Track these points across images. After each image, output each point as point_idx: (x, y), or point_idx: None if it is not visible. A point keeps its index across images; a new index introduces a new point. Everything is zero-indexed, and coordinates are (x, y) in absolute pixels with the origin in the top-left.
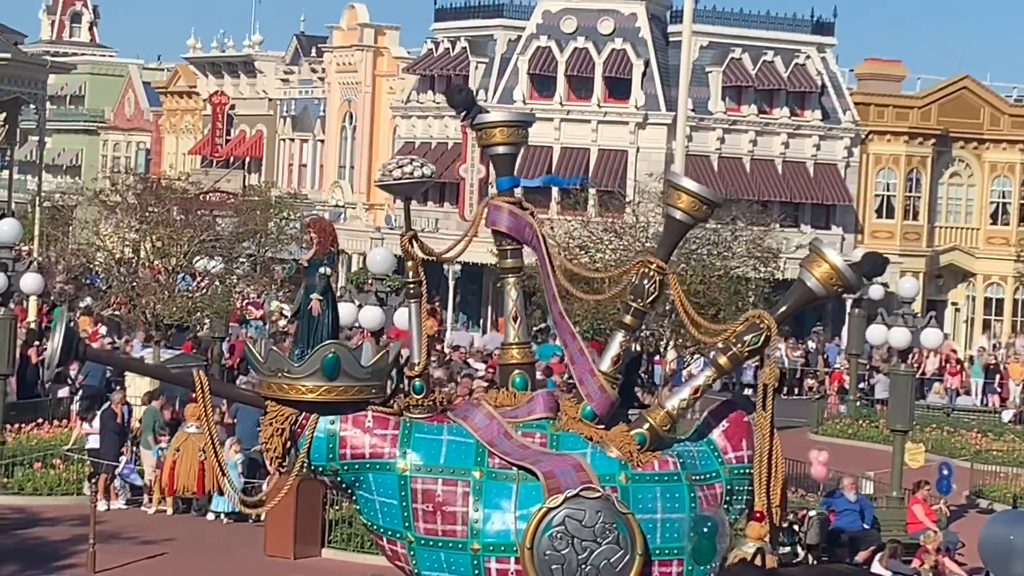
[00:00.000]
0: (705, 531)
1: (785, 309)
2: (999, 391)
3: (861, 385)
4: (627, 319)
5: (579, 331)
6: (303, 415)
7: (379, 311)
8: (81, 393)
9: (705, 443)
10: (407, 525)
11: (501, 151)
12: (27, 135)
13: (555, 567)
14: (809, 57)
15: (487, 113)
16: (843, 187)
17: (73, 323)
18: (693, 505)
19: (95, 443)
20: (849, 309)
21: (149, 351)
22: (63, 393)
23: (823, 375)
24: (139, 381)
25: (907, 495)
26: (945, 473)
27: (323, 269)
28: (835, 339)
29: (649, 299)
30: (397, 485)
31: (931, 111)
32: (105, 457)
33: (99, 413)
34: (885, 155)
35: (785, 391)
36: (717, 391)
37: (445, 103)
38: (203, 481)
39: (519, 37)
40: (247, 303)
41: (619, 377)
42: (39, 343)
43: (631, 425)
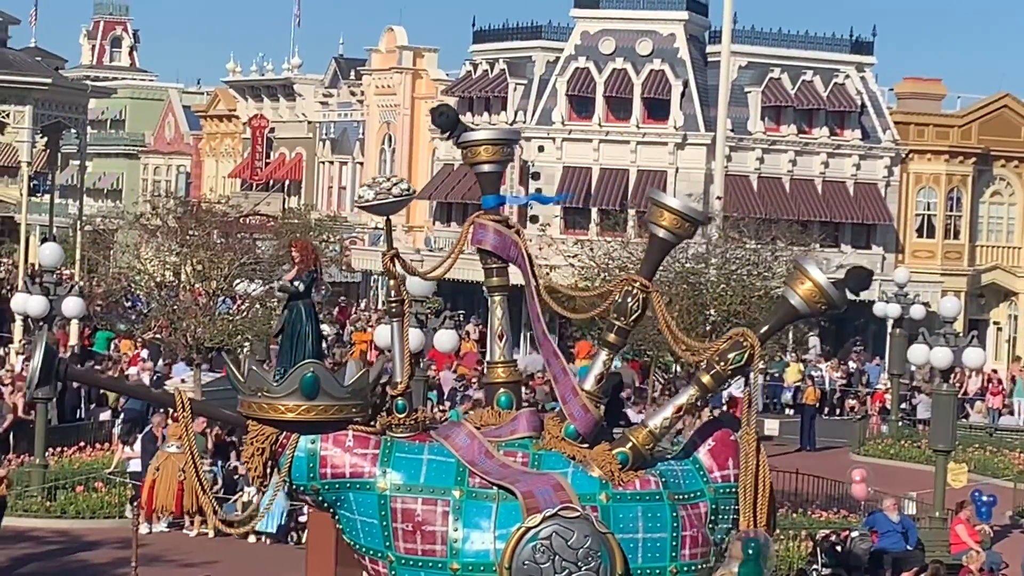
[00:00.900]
0: (750, 552)
1: (769, 327)
2: None
3: (903, 405)
4: (611, 337)
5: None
6: (284, 434)
7: (419, 333)
8: (122, 416)
9: (690, 462)
10: (387, 544)
11: (486, 169)
12: (68, 159)
13: None
14: (848, 76)
15: (472, 131)
16: (883, 207)
17: (55, 343)
18: (675, 525)
19: (136, 466)
20: (891, 329)
21: (190, 373)
22: (104, 417)
23: (865, 395)
24: None
25: (950, 515)
26: (984, 499)
27: (296, 283)
28: (876, 359)
29: (632, 317)
30: (377, 504)
31: (971, 130)
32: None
33: (140, 436)
34: (926, 174)
35: (827, 411)
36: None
37: (484, 124)
38: (181, 501)
39: (557, 58)
40: None
41: (603, 396)
42: (81, 367)
43: (613, 444)
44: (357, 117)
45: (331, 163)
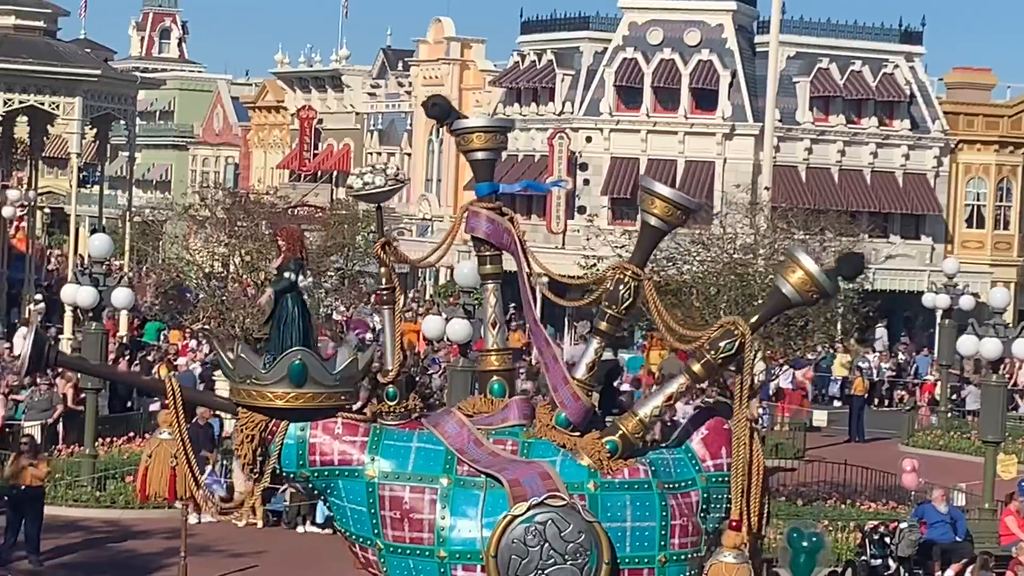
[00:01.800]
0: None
1: (760, 316)
2: None
3: (952, 396)
4: (603, 326)
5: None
6: (273, 422)
7: (467, 324)
8: None
9: (683, 450)
10: (376, 532)
11: (480, 156)
12: (117, 151)
13: (519, 575)
14: (897, 66)
15: (465, 119)
16: (933, 197)
17: (44, 328)
18: (664, 513)
19: None
20: (940, 320)
21: None
22: (154, 407)
23: (914, 386)
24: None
25: (999, 507)
26: None
27: (287, 273)
28: (925, 350)
29: (624, 305)
30: (366, 492)
31: (1021, 119)
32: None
33: (188, 426)
34: (975, 164)
35: (876, 403)
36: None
37: (532, 115)
38: (174, 487)
39: (605, 49)
40: (351, 320)
41: (594, 384)
42: (130, 357)
43: (603, 433)
44: (405, 108)
45: (379, 154)
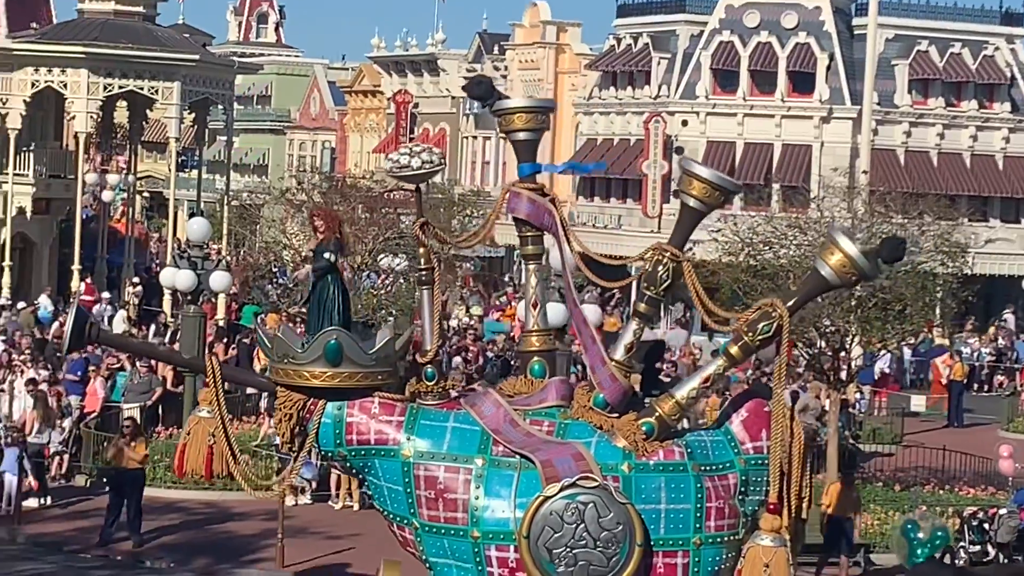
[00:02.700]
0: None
1: (798, 299)
2: None
3: None
4: (641, 307)
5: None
6: (311, 400)
7: (561, 307)
8: None
9: (722, 432)
10: (412, 511)
11: (522, 137)
12: (215, 135)
13: (552, 556)
14: (998, 48)
15: (507, 100)
16: None
17: (84, 308)
18: (699, 496)
19: None
20: None
21: None
22: (252, 389)
23: (1014, 372)
24: None
25: None
26: None
27: (327, 255)
28: None
29: (662, 287)
30: (401, 471)
31: None
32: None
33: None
34: None
35: (975, 388)
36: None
37: (628, 99)
38: (211, 465)
39: (702, 32)
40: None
41: (632, 366)
42: (228, 341)
43: (640, 414)
44: (501, 92)
45: (474, 138)
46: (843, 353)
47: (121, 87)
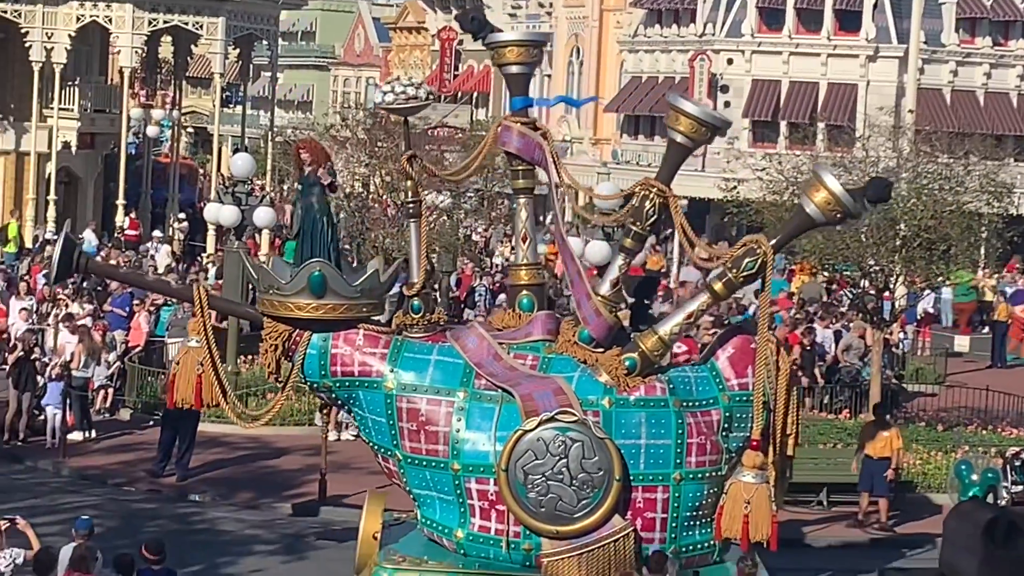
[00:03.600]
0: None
1: (783, 236)
2: None
3: None
4: (627, 242)
5: (809, 265)
6: (297, 332)
7: (605, 246)
8: None
9: (707, 368)
10: (395, 443)
11: (514, 70)
12: (259, 71)
13: (527, 480)
14: None
15: (499, 33)
16: None
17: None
18: (680, 431)
19: None
20: None
21: None
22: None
23: None
24: None
25: None
26: None
27: (313, 187)
28: None
29: (648, 222)
30: (384, 403)
31: None
32: None
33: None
34: None
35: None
36: None
37: (673, 37)
38: (200, 394)
39: None
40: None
41: (618, 301)
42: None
43: (623, 349)
44: (545, 29)
45: None
46: (887, 293)
47: (166, 22)
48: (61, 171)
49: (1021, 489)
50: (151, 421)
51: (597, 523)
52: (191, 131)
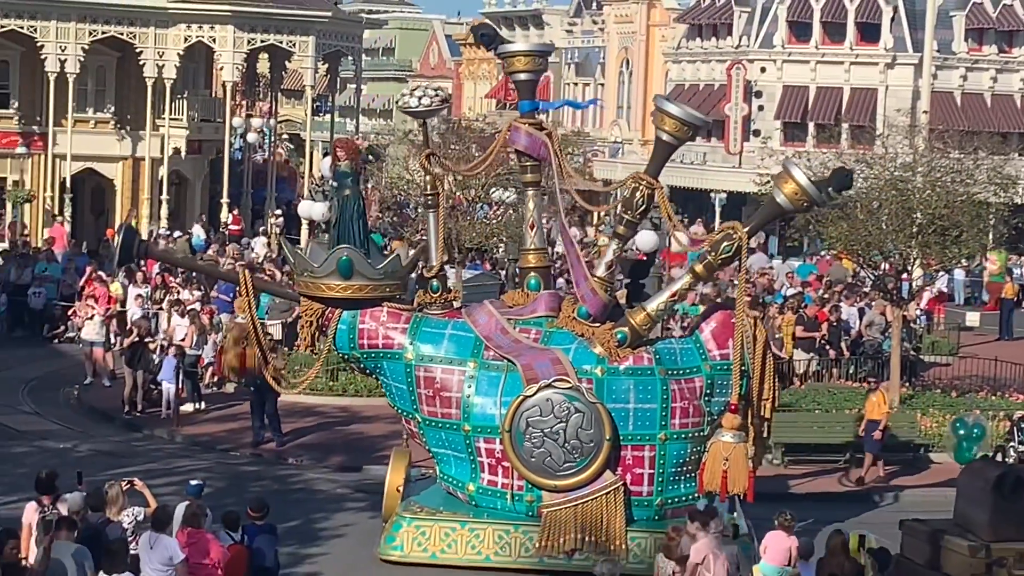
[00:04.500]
0: (975, 434)
1: (756, 223)
2: None
3: None
4: (620, 229)
5: (834, 251)
6: (328, 309)
7: (653, 235)
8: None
9: (692, 340)
10: (415, 407)
11: (523, 77)
12: (346, 83)
13: (527, 430)
14: None
15: (509, 44)
16: None
17: (136, 226)
18: (665, 397)
19: None
20: None
21: (452, 271)
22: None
23: None
24: None
25: None
26: None
27: (347, 180)
28: None
29: (638, 211)
30: (404, 372)
31: None
32: None
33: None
34: None
35: None
36: None
37: (712, 48)
38: (244, 364)
39: None
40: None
41: (613, 282)
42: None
43: (615, 324)
44: (598, 43)
45: (575, 84)
46: (905, 274)
47: (263, 41)
48: (172, 174)
49: None
50: (251, 391)
51: (590, 478)
52: (286, 137)
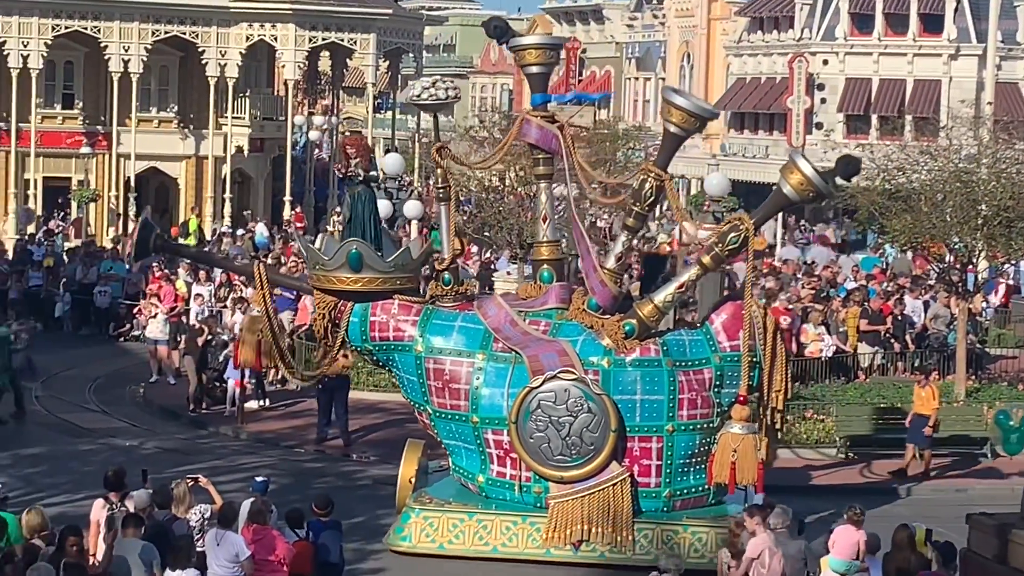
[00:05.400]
0: (1013, 425)
1: (763, 214)
2: None
3: None
4: (629, 221)
5: (897, 245)
6: (341, 302)
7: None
8: None
9: (702, 332)
10: (425, 399)
11: (534, 70)
12: (407, 80)
13: (535, 412)
14: None
15: (521, 37)
16: None
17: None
18: (672, 388)
19: None
20: None
21: (515, 266)
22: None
23: None
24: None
25: None
26: None
27: (371, 172)
28: None
29: (647, 202)
30: (415, 364)
31: None
32: None
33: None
34: None
35: None
36: None
37: (774, 41)
38: (260, 357)
39: None
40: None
41: (622, 273)
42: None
43: (623, 316)
44: (659, 37)
45: (636, 79)
46: (970, 267)
47: (324, 39)
48: (235, 172)
49: None
50: (318, 389)
51: (595, 470)
52: (347, 135)
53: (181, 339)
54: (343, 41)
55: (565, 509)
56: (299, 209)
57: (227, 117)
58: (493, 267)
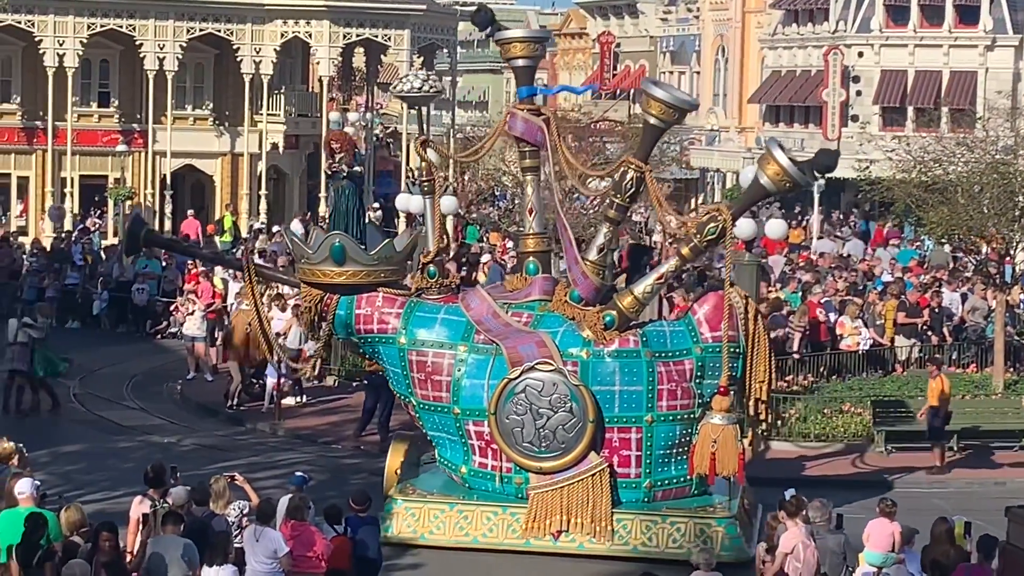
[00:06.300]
0: None
1: (741, 205)
2: None
3: None
4: (610, 213)
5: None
6: (327, 295)
7: (751, 222)
8: None
9: (683, 323)
10: (410, 391)
11: (520, 63)
12: (441, 76)
13: (515, 398)
14: None
15: (506, 30)
16: None
17: (140, 215)
18: (651, 379)
19: None
20: None
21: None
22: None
23: None
24: None
25: None
26: None
27: (356, 168)
28: None
29: (628, 194)
30: (398, 356)
31: None
32: None
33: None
34: None
35: None
36: None
37: (809, 34)
38: (249, 349)
39: None
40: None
41: (604, 265)
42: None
43: (603, 308)
44: (693, 31)
45: (671, 73)
46: (1008, 258)
47: (358, 35)
48: (270, 169)
49: None
50: (353, 386)
51: (574, 460)
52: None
53: (218, 335)
54: (377, 37)
55: (545, 499)
56: None
57: (262, 114)
58: None
